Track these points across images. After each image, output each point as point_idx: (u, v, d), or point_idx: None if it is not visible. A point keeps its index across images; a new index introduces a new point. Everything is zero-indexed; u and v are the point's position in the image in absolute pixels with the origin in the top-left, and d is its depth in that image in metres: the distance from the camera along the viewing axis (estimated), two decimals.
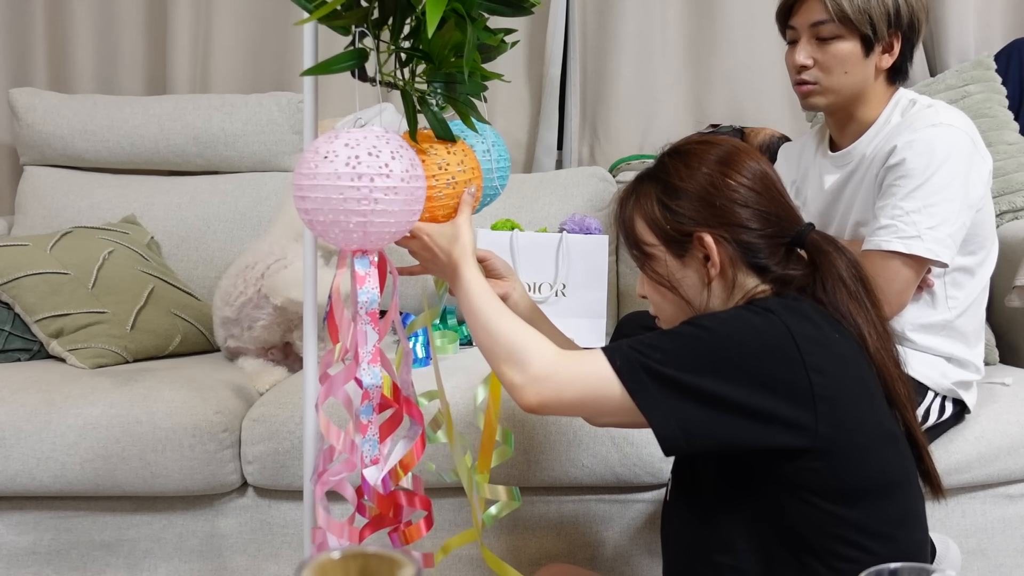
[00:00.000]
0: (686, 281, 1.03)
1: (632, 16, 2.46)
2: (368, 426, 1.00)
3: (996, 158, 1.72)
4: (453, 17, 0.90)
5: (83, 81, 2.51)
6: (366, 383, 0.96)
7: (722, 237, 1.00)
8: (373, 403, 0.98)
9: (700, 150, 1.04)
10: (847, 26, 1.39)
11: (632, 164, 2.34)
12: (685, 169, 1.03)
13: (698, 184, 1.02)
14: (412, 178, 0.91)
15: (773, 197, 1.03)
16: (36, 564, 1.54)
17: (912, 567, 0.59)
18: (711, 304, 1.03)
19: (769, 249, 1.01)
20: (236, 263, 1.83)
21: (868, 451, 0.93)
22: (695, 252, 1.02)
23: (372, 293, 0.94)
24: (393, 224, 0.91)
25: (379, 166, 0.88)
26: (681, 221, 1.02)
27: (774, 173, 1.05)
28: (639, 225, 1.06)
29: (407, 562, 0.53)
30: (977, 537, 1.57)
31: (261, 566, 1.55)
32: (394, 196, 0.89)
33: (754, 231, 1.00)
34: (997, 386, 1.61)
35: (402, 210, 0.90)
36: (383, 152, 0.89)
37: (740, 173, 1.01)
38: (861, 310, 0.99)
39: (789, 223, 1.03)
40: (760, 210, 1.01)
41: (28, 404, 1.51)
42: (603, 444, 1.49)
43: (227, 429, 1.51)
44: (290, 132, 2.31)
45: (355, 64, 0.93)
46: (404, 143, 0.93)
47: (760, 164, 1.04)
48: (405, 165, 0.90)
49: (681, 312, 1.05)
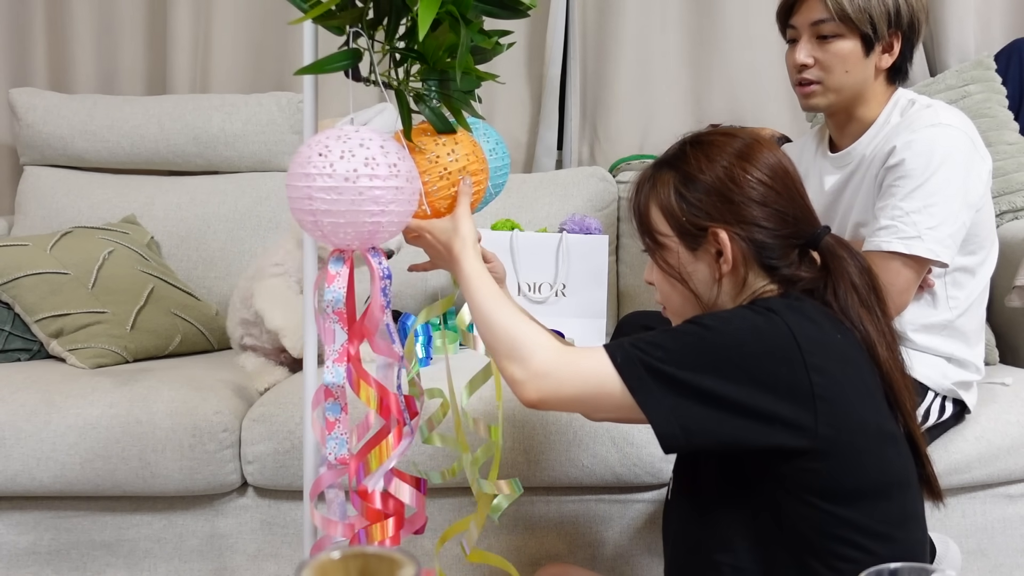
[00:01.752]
0: (697, 275, 1.03)
1: (632, 16, 2.46)
2: (335, 424, 1.00)
3: (996, 158, 1.72)
4: (447, 19, 0.90)
5: (83, 81, 2.51)
6: (327, 381, 0.97)
7: (737, 234, 0.99)
8: (341, 402, 0.99)
9: (722, 142, 1.03)
10: (847, 25, 1.39)
11: (632, 164, 2.34)
12: (705, 160, 1.02)
13: (716, 176, 1.01)
14: (360, 177, 0.90)
15: (792, 197, 1.02)
16: (36, 564, 1.54)
17: (912, 567, 0.59)
18: (720, 300, 1.03)
19: (782, 250, 1.01)
20: (253, 264, 1.83)
21: (867, 452, 0.93)
22: (708, 247, 1.01)
23: (339, 292, 0.96)
24: (344, 224, 0.91)
25: (324, 166, 0.89)
26: (697, 215, 1.01)
27: (793, 169, 1.04)
28: (654, 213, 1.05)
29: (407, 562, 0.53)
30: (977, 537, 1.57)
31: (261, 566, 1.55)
32: (337, 196, 0.89)
33: (769, 230, 1.00)
34: (997, 386, 1.61)
35: (349, 210, 0.90)
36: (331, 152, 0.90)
37: (759, 169, 1.00)
38: (872, 318, 0.99)
39: (805, 224, 1.02)
40: (777, 210, 1.00)
41: (28, 404, 1.51)
42: (603, 444, 1.49)
43: (227, 429, 1.51)
44: (290, 132, 2.31)
45: (349, 64, 0.94)
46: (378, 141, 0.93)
47: (781, 162, 1.03)
48: (355, 165, 0.90)
49: (689, 304, 1.05)
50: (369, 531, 1.00)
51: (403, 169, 0.93)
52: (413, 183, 0.94)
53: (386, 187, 0.90)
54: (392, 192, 0.91)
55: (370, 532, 1.00)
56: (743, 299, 1.01)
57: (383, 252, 0.99)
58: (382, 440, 0.99)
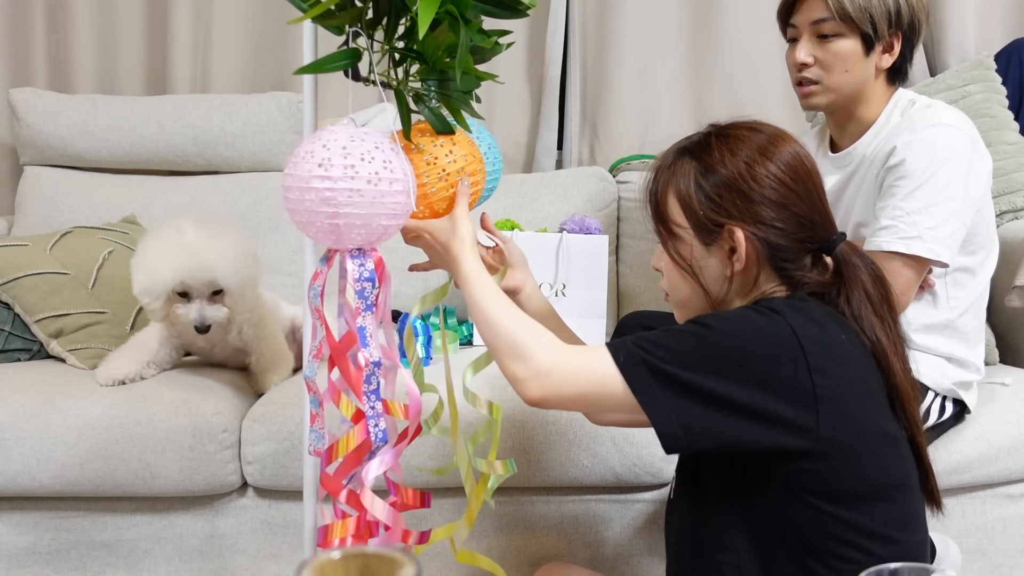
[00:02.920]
0: (708, 270, 1.02)
1: (632, 16, 2.46)
2: (316, 417, 1.01)
3: (996, 158, 1.72)
4: (447, 19, 0.90)
5: (83, 81, 2.51)
6: (305, 375, 0.99)
7: (753, 234, 0.98)
8: (319, 398, 1.00)
9: (746, 136, 1.02)
10: (848, 24, 1.39)
11: (632, 164, 2.34)
12: (729, 154, 1.00)
13: (737, 171, 0.99)
14: (382, 180, 0.91)
15: (811, 200, 1.00)
16: (36, 564, 1.54)
17: (912, 567, 0.59)
18: (729, 298, 1.02)
19: (796, 253, 1.00)
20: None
21: (869, 454, 0.93)
22: (722, 243, 1.00)
23: (316, 290, 0.97)
24: (359, 226, 0.92)
25: (345, 167, 0.90)
26: (716, 210, 1.00)
27: (814, 167, 1.02)
28: (671, 202, 1.03)
29: (407, 562, 0.53)
30: (977, 537, 1.57)
31: (261, 566, 1.55)
32: (360, 198, 0.90)
33: (785, 233, 0.99)
34: (997, 386, 1.61)
35: (369, 213, 0.91)
36: (352, 154, 0.90)
37: (778, 165, 0.99)
38: (884, 327, 0.99)
39: (822, 230, 1.01)
40: (795, 212, 0.99)
41: (28, 404, 1.51)
42: (603, 444, 1.49)
43: (227, 429, 1.51)
44: (290, 132, 2.31)
45: (348, 63, 0.94)
46: (383, 144, 0.93)
47: (800, 155, 1.01)
48: (375, 167, 0.91)
49: (696, 297, 1.04)
50: (330, 528, 1.00)
51: (401, 174, 0.94)
52: (379, 186, 0.92)
53: (396, 190, 0.91)
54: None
55: (330, 529, 1.00)
56: (752, 299, 1.01)
57: (376, 254, 0.99)
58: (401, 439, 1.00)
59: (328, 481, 0.99)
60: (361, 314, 0.96)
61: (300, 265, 2.17)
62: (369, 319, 0.97)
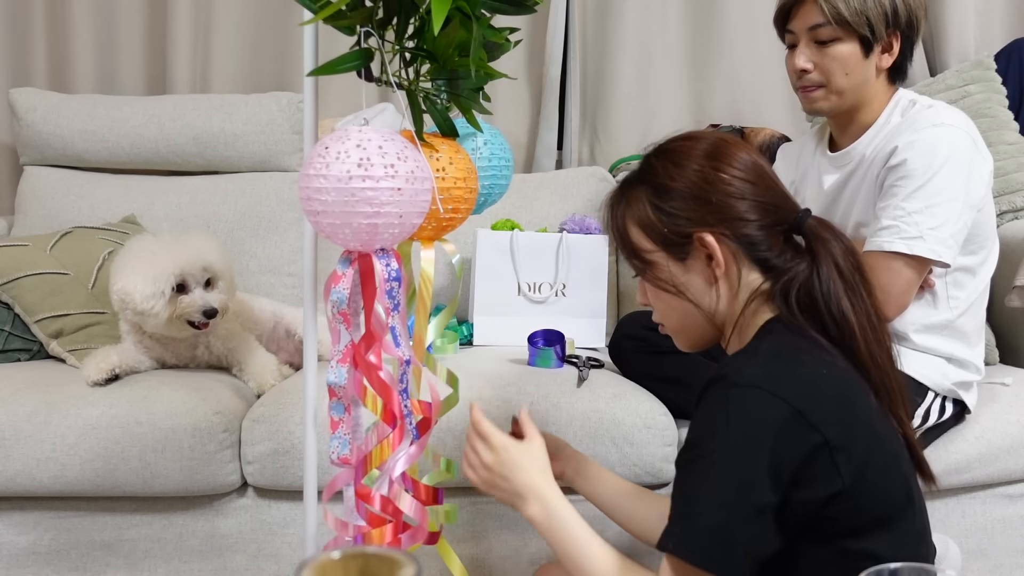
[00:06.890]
0: (691, 284, 1.01)
1: (632, 16, 2.46)
2: (339, 423, 1.00)
3: (996, 158, 1.72)
4: (458, 16, 0.89)
5: (83, 81, 2.51)
6: (330, 381, 0.97)
7: (723, 234, 0.98)
8: (345, 402, 0.99)
9: (687, 147, 1.02)
10: (844, 28, 1.39)
11: (632, 164, 2.34)
12: (674, 168, 1.00)
13: (690, 182, 0.99)
14: (417, 179, 0.90)
15: (768, 185, 1.00)
16: (36, 564, 1.54)
17: (912, 567, 0.59)
18: (720, 305, 1.01)
19: (769, 240, 0.99)
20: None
21: (886, 473, 0.91)
22: (697, 253, 0.99)
23: (343, 293, 0.95)
24: (395, 224, 0.90)
25: (385, 166, 0.88)
26: (678, 223, 0.99)
27: (763, 160, 1.02)
28: (634, 232, 1.03)
29: (407, 562, 0.53)
30: (977, 537, 1.57)
31: (261, 566, 1.55)
32: (400, 197, 0.89)
33: (753, 223, 0.98)
34: (997, 386, 1.61)
35: (407, 211, 0.90)
36: (389, 152, 0.89)
37: (731, 165, 0.99)
38: (857, 301, 0.96)
39: (786, 211, 1.00)
40: (757, 200, 0.98)
41: (28, 404, 1.51)
42: (603, 444, 1.48)
43: (227, 429, 1.51)
44: (290, 132, 2.31)
45: (360, 64, 0.93)
46: (408, 143, 0.93)
47: (749, 154, 1.01)
48: (411, 166, 0.90)
49: (689, 317, 1.03)
50: (367, 536, 0.99)
51: (401, 170, 0.91)
52: (415, 184, 0.91)
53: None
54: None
55: (368, 538, 0.99)
56: (740, 300, 0.99)
57: (396, 254, 0.97)
58: (384, 439, 0.99)
59: (361, 488, 0.99)
60: (391, 314, 0.95)
61: (300, 265, 2.17)
62: (397, 319, 0.97)
